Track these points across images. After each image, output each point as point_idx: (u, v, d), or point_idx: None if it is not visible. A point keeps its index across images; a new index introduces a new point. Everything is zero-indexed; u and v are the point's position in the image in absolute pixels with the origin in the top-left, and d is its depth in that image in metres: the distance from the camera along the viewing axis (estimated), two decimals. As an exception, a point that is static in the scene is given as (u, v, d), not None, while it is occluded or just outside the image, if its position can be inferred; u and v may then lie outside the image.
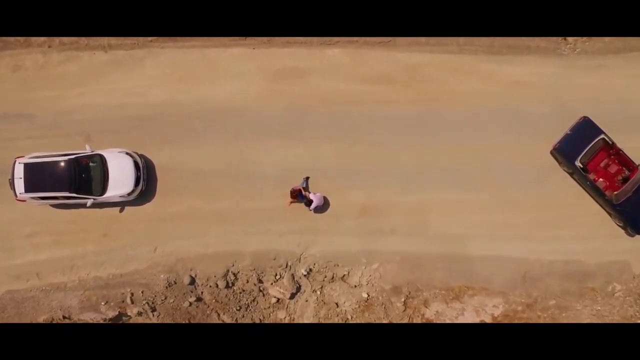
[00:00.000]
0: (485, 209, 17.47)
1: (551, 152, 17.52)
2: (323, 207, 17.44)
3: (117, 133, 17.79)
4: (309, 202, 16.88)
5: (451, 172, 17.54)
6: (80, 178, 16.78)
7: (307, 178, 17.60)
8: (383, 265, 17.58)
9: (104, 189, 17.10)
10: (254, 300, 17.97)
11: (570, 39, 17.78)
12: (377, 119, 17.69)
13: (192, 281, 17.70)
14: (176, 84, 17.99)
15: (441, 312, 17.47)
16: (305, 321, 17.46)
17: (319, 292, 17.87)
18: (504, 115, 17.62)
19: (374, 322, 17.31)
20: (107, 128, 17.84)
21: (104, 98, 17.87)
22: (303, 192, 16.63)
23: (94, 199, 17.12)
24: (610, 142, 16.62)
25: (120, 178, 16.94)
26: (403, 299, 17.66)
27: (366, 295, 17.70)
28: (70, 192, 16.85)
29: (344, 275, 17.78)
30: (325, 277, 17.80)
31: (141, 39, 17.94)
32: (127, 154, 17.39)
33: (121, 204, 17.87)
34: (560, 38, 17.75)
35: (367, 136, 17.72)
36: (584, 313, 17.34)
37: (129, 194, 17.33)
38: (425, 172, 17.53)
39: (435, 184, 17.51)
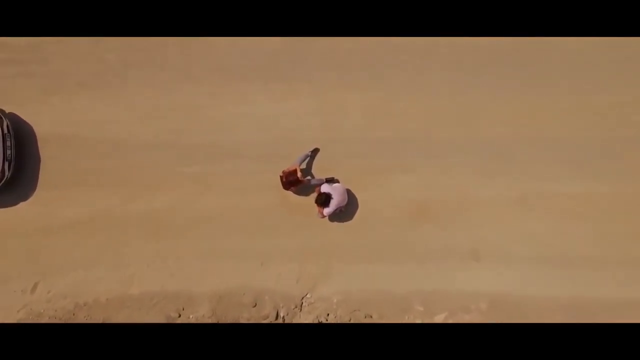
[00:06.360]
0: (635, 212, 11.27)
1: None
2: (345, 208, 11.12)
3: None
4: (324, 200, 10.49)
5: (570, 145, 11.47)
6: None
7: (315, 151, 11.19)
8: (455, 316, 11.26)
9: None
10: (218, 376, 11.83)
11: None
12: (439, 50, 11.59)
13: (104, 344, 11.35)
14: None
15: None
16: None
17: (335, 363, 11.56)
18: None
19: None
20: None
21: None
22: (299, 175, 10.51)
23: None
24: None
25: None
26: (486, 373, 11.54)
27: (421, 369, 11.31)
28: None
29: (383, 334, 11.32)
30: (349, 337, 11.40)
31: None
32: (-30, 106, 11.21)
33: (-32, 204, 11.55)
34: None
35: (420, 79, 11.54)
36: None
37: (-27, 185, 11.21)
38: (526, 146, 11.50)
39: (544, 167, 11.43)
